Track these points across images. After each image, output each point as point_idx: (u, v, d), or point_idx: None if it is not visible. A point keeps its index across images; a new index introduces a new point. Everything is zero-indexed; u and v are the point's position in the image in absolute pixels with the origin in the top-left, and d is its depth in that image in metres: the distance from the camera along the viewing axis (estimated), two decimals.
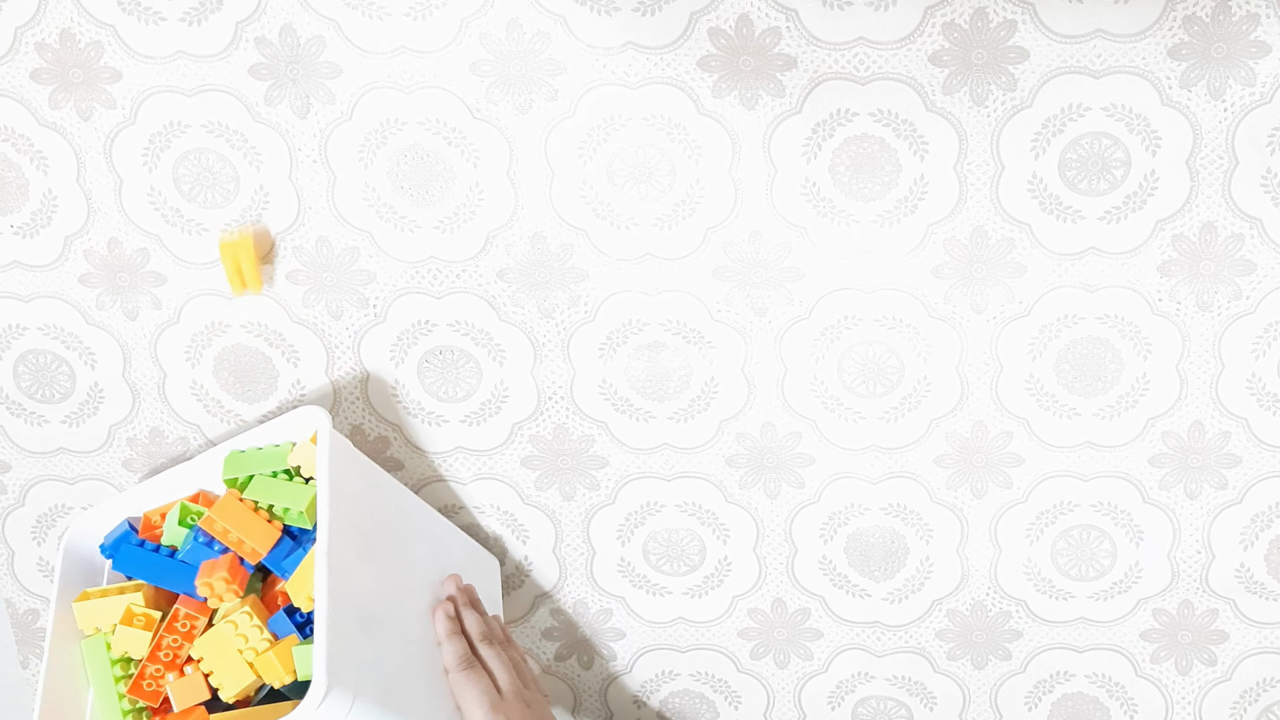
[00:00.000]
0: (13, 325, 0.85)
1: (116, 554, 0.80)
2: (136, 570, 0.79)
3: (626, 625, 0.91)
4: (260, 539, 0.77)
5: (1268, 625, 0.86)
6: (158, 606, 0.78)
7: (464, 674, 0.74)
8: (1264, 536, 0.84)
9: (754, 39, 0.73)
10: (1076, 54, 0.73)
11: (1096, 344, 0.80)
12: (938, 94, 0.74)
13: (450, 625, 0.77)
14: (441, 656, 0.76)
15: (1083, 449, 0.82)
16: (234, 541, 0.77)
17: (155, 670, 0.76)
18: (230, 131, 0.78)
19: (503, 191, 0.78)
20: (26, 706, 0.97)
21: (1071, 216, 0.77)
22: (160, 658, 0.76)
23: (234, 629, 0.74)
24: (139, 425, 0.87)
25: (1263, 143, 0.74)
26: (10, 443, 0.88)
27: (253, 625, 0.74)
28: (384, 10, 0.74)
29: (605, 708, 0.94)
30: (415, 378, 0.85)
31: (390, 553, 0.78)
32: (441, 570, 0.82)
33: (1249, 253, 0.77)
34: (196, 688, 0.74)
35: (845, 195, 0.77)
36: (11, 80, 0.78)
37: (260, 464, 0.79)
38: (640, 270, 0.80)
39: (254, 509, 0.78)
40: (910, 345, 0.80)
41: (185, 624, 0.76)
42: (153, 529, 0.81)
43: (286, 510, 0.77)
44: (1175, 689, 0.89)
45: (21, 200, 0.81)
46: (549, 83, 0.75)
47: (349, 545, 0.73)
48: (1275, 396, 0.80)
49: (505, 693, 0.74)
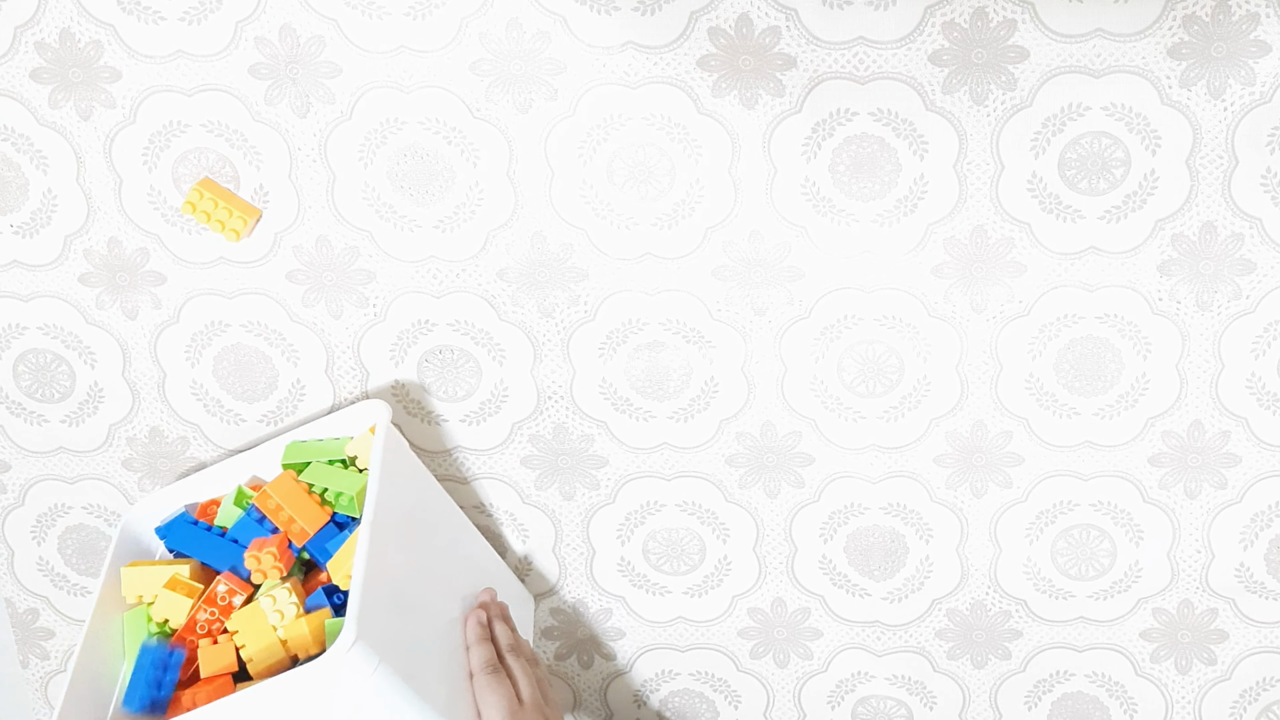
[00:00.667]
0: (12, 325, 0.85)
1: (170, 533, 0.82)
2: (187, 546, 0.81)
3: (626, 625, 0.91)
4: (310, 519, 0.78)
5: (1267, 625, 0.86)
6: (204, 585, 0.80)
7: (489, 677, 0.75)
8: (1264, 536, 0.84)
9: (754, 38, 0.73)
10: (1076, 53, 0.73)
11: (1096, 343, 0.80)
12: (937, 93, 0.74)
13: (481, 631, 0.78)
14: (468, 660, 0.77)
15: (1083, 448, 0.82)
16: (284, 520, 0.78)
17: (190, 640, 0.76)
18: (230, 131, 0.78)
19: (502, 191, 0.78)
20: (27, 706, 0.97)
21: (1071, 216, 0.77)
22: (196, 630, 0.76)
23: (271, 603, 0.75)
24: (139, 425, 0.87)
25: (1262, 142, 0.74)
26: (10, 442, 0.88)
27: (290, 601, 0.75)
28: (384, 10, 0.74)
29: (605, 707, 0.94)
30: (415, 377, 0.85)
31: (429, 549, 0.79)
32: (476, 584, 0.83)
33: (1249, 252, 0.77)
34: (225, 655, 0.75)
35: (845, 195, 0.77)
36: (11, 80, 0.78)
37: (319, 453, 0.82)
38: (640, 270, 0.80)
39: (307, 490, 0.80)
40: (910, 345, 0.80)
41: (225, 598, 0.77)
42: (209, 515, 0.84)
43: (338, 495, 0.79)
44: (1175, 688, 0.89)
45: (21, 200, 0.81)
46: (549, 82, 0.75)
47: (391, 530, 0.74)
48: (1275, 396, 0.80)
49: (526, 703, 0.75)
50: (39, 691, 0.96)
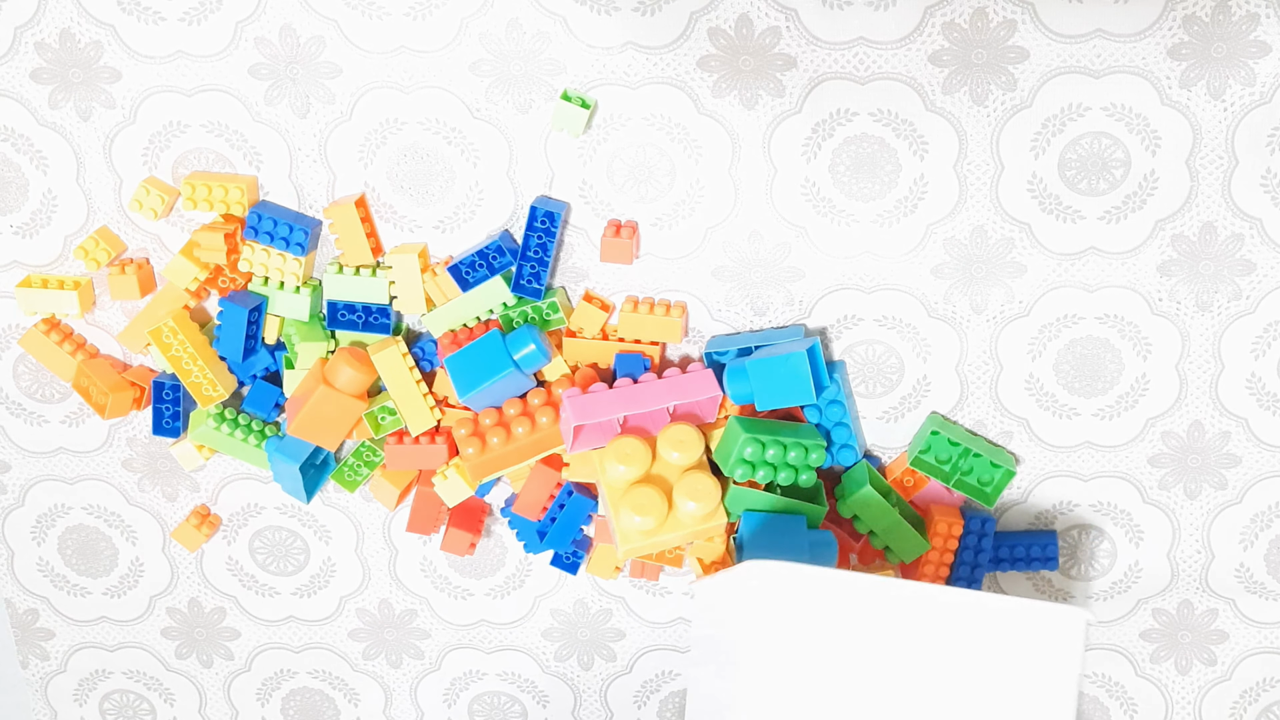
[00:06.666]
0: (12, 324, 0.85)
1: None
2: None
3: (626, 625, 0.91)
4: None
5: (1268, 625, 0.86)
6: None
7: None
8: (1264, 536, 0.84)
9: (754, 39, 0.74)
10: (1076, 54, 0.73)
11: (1096, 344, 0.80)
12: (938, 94, 0.74)
13: None
14: None
15: (1082, 449, 0.82)
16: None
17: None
18: (230, 131, 0.78)
19: (502, 191, 0.78)
20: (27, 706, 0.97)
21: (1071, 216, 0.77)
22: None
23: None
24: (139, 424, 0.87)
25: (1262, 143, 0.74)
26: (10, 443, 0.88)
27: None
28: (384, 10, 0.74)
29: (605, 708, 0.94)
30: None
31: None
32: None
33: (1249, 252, 0.77)
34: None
35: (845, 195, 0.77)
36: (11, 80, 0.78)
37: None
38: (640, 269, 0.80)
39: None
40: (910, 345, 0.80)
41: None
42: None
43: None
44: (1175, 689, 0.89)
45: (21, 200, 0.81)
46: (549, 83, 0.75)
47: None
48: (1275, 396, 0.80)
49: None
50: (39, 692, 0.96)
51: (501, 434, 0.77)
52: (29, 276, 0.82)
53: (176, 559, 0.91)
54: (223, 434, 0.82)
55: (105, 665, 0.95)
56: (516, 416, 0.78)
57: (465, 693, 0.93)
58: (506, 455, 0.78)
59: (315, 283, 0.81)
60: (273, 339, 0.81)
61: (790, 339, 0.77)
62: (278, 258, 0.78)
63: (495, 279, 0.78)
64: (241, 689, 0.95)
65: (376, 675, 0.93)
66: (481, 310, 0.79)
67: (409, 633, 0.91)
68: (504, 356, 0.76)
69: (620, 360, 0.79)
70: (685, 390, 0.76)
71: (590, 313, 0.79)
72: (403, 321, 0.83)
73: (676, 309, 0.79)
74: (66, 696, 0.96)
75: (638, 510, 0.74)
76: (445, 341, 0.79)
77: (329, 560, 0.90)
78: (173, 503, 0.89)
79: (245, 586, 0.91)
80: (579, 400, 0.75)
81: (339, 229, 0.78)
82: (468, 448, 0.77)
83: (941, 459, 0.79)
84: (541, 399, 0.78)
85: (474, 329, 0.80)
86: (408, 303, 0.79)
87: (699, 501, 0.75)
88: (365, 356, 0.79)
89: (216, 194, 0.77)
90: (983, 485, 0.80)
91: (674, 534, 0.76)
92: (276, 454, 0.81)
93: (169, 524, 0.90)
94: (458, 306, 0.79)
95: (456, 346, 0.78)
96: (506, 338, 0.77)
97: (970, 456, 0.79)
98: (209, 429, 0.82)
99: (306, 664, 0.93)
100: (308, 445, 0.81)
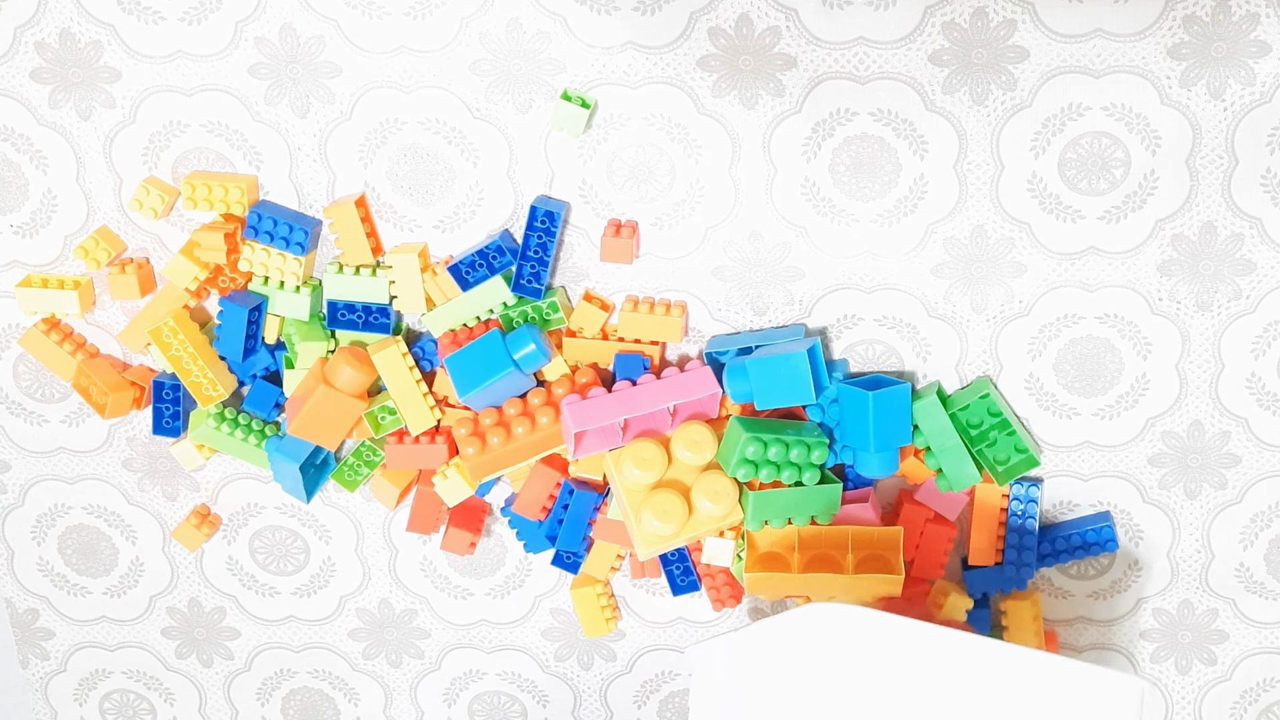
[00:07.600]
0: (12, 324, 0.85)
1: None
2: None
3: (626, 625, 0.91)
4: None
5: (1268, 625, 0.86)
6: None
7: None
8: (1264, 536, 0.84)
9: (754, 38, 0.74)
10: (1076, 53, 0.73)
11: (1096, 343, 0.80)
12: (938, 93, 0.74)
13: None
14: None
15: (1082, 448, 0.82)
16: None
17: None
18: (230, 131, 0.78)
19: (502, 191, 0.78)
20: (27, 706, 0.97)
21: (1071, 216, 0.77)
22: None
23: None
24: (139, 424, 0.87)
25: (1262, 142, 0.74)
26: (10, 442, 0.88)
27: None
28: (384, 10, 0.75)
29: (605, 707, 0.94)
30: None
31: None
32: None
33: (1249, 252, 0.77)
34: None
35: (845, 195, 0.77)
36: (11, 80, 0.78)
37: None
38: (640, 269, 0.80)
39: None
40: (910, 344, 0.80)
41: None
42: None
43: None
44: (1175, 689, 0.89)
45: (21, 200, 0.81)
46: (549, 82, 0.75)
47: None
48: (1275, 396, 0.80)
49: None
50: (39, 691, 0.96)
51: (501, 434, 0.77)
52: (29, 276, 0.82)
53: (176, 559, 0.91)
54: (223, 434, 0.82)
55: (105, 665, 0.95)
56: (516, 416, 0.78)
57: (465, 692, 0.93)
58: (506, 455, 0.78)
59: (315, 282, 0.81)
60: (273, 339, 0.81)
61: (790, 339, 0.77)
62: (278, 257, 0.78)
63: (495, 279, 0.78)
64: (241, 689, 0.95)
65: (376, 675, 0.93)
66: (481, 310, 0.79)
67: (409, 632, 0.91)
68: (504, 356, 0.76)
69: (619, 361, 0.79)
70: (685, 389, 0.76)
71: (590, 312, 0.79)
72: (403, 321, 0.83)
73: (676, 309, 0.79)
74: (66, 696, 0.96)
75: (660, 516, 0.75)
76: (445, 341, 0.79)
77: (329, 560, 0.90)
78: (173, 502, 0.89)
79: (245, 586, 0.91)
80: (578, 406, 0.75)
81: (339, 229, 0.78)
82: (468, 447, 0.77)
83: (974, 422, 0.79)
84: (541, 399, 0.78)
85: (474, 329, 0.80)
86: (408, 302, 0.80)
87: (718, 503, 0.76)
88: (365, 356, 0.79)
89: (216, 194, 0.77)
90: (998, 463, 0.79)
91: (694, 534, 0.77)
92: (276, 454, 0.81)
93: (169, 524, 0.90)
94: (458, 306, 0.79)
95: (456, 346, 0.78)
96: (506, 337, 0.77)
97: (1003, 432, 0.78)
98: (209, 429, 0.82)
99: (306, 664, 0.93)
100: (308, 445, 0.81)
